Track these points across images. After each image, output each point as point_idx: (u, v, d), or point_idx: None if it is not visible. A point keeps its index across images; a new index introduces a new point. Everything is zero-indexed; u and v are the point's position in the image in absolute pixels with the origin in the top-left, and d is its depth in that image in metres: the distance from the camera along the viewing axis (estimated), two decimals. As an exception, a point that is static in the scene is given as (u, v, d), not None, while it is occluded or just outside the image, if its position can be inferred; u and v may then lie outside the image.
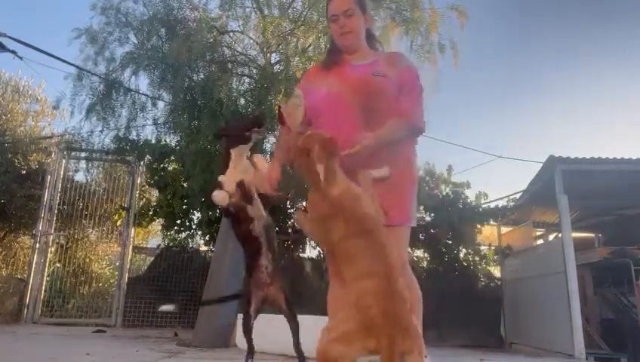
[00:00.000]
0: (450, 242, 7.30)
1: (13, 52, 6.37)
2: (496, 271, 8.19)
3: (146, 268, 7.81)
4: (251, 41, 5.55)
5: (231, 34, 5.52)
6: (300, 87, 2.33)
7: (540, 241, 8.26)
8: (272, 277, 2.42)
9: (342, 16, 2.12)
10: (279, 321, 2.51)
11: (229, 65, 5.39)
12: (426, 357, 1.98)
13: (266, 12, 5.35)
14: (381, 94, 2.05)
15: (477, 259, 7.86)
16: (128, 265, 7.12)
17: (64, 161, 7.18)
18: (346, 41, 2.16)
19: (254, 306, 2.41)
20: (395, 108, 2.03)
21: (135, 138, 6.05)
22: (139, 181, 7.34)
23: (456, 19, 5.23)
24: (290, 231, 7.30)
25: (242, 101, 5.42)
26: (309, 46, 5.08)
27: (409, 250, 2.30)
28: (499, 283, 7.94)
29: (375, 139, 1.96)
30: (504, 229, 8.28)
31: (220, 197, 2.37)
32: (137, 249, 7.60)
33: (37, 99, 10.23)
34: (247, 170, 2.50)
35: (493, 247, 8.05)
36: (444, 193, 7.59)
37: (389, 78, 2.06)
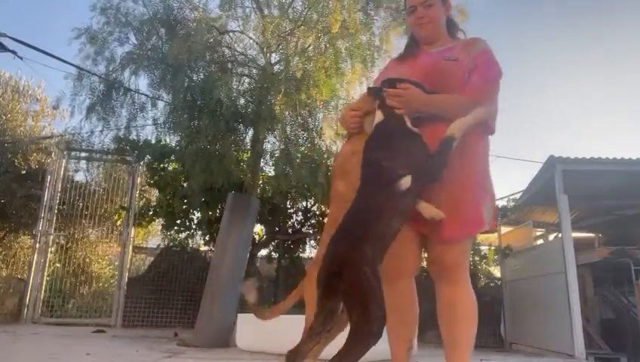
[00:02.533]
0: (450, 242, 7.28)
1: (13, 52, 6.37)
2: (496, 271, 8.19)
3: (146, 268, 7.81)
4: (251, 41, 5.55)
5: (231, 34, 5.51)
6: (375, 82, 2.20)
7: (540, 241, 8.27)
8: None
9: (420, 7, 2.04)
10: (279, 321, 2.46)
11: (229, 66, 5.38)
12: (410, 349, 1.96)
13: (266, 12, 5.35)
14: (448, 78, 1.90)
15: (477, 259, 7.86)
16: (128, 265, 7.11)
17: (64, 161, 7.18)
18: (423, 31, 2.06)
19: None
20: (463, 91, 1.87)
21: (135, 138, 6.05)
22: (139, 181, 7.34)
23: (456, 18, 5.22)
24: (290, 231, 7.31)
25: (242, 101, 5.42)
26: (309, 46, 5.08)
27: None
28: (499, 283, 7.94)
29: (428, 102, 1.82)
30: (504, 229, 8.28)
31: None
32: (137, 249, 7.60)
33: (37, 99, 10.24)
34: None
35: (493, 247, 8.05)
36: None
37: (461, 61, 1.91)
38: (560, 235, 6.30)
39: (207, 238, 7.23)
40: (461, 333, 1.86)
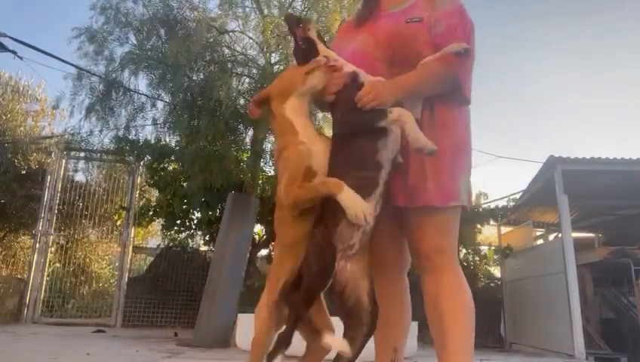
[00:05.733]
0: (450, 242, 7.28)
1: (13, 52, 6.38)
2: (496, 271, 8.19)
3: (146, 268, 7.82)
4: (251, 40, 5.55)
5: (230, 34, 5.52)
6: (333, 47, 1.94)
7: (540, 241, 8.26)
8: (362, 246, 1.49)
9: None
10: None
11: (229, 65, 5.38)
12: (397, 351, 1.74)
13: (265, 12, 5.35)
14: (413, 44, 1.65)
15: (477, 259, 7.86)
16: (128, 265, 7.11)
17: (64, 161, 7.17)
18: None
19: (323, 278, 1.39)
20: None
21: (135, 138, 6.05)
22: (139, 181, 7.34)
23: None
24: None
25: (242, 101, 5.42)
26: (309, 46, 5.08)
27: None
28: (499, 283, 7.94)
29: (400, 88, 1.56)
30: (504, 229, 8.28)
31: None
32: (137, 249, 7.60)
33: (37, 99, 10.28)
34: None
35: (493, 247, 8.05)
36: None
37: (426, 22, 1.66)
38: (560, 235, 6.30)
39: (207, 238, 7.22)
40: (450, 331, 1.56)
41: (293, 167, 1.48)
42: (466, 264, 7.70)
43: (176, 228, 7.19)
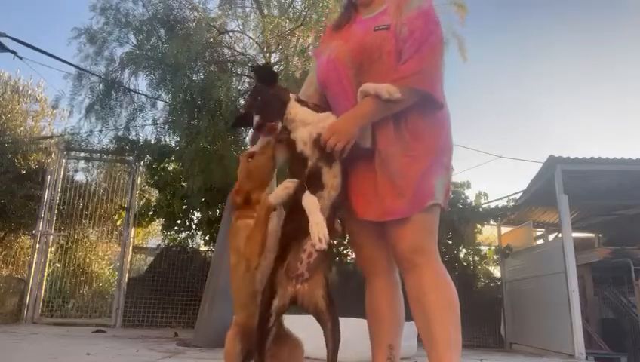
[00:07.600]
0: (450, 242, 7.30)
1: (13, 52, 6.39)
2: (496, 271, 8.19)
3: (146, 268, 7.82)
4: (251, 40, 5.55)
5: (230, 34, 5.52)
6: (314, 55, 2.01)
7: (540, 241, 8.27)
8: (313, 270, 1.70)
9: None
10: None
11: (229, 65, 5.39)
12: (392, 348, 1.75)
13: (265, 12, 5.35)
14: (378, 54, 1.65)
15: (477, 259, 7.86)
16: (128, 265, 7.11)
17: (64, 161, 7.18)
18: None
19: (278, 304, 1.70)
20: (396, 69, 1.62)
21: (134, 138, 6.05)
22: (139, 181, 7.34)
23: (455, 13, 5.21)
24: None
25: (242, 101, 5.42)
26: (309, 46, 5.08)
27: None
28: (499, 283, 7.95)
29: (360, 117, 1.61)
30: (504, 229, 8.28)
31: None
32: (137, 249, 7.59)
33: (37, 99, 10.26)
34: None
35: (493, 247, 8.05)
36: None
37: (392, 29, 1.66)
38: (560, 235, 6.30)
39: (207, 238, 7.23)
40: (436, 325, 1.56)
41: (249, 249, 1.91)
42: (466, 264, 7.71)
43: (176, 228, 7.20)
